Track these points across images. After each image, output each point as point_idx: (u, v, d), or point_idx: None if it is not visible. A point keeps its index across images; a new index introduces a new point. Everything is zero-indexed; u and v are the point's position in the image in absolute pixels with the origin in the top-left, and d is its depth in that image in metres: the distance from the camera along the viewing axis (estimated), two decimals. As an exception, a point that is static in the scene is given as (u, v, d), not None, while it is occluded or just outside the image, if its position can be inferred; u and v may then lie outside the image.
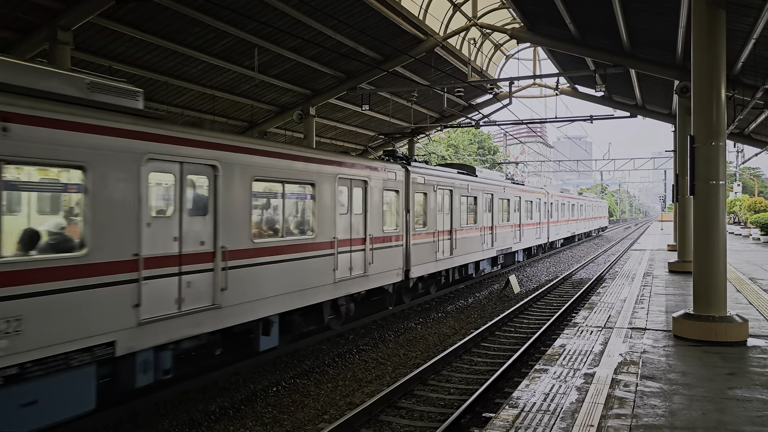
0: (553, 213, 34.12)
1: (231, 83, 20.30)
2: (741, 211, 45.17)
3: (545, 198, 32.19)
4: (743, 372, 7.01)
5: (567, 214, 38.86)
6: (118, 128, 7.27)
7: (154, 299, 7.60)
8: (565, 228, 38.49)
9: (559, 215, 35.88)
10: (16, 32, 13.77)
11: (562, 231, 37.56)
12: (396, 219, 14.59)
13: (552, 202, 33.70)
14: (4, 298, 6.00)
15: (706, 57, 8.63)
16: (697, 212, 8.82)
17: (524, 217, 27.00)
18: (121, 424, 7.69)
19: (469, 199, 19.98)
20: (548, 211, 32.61)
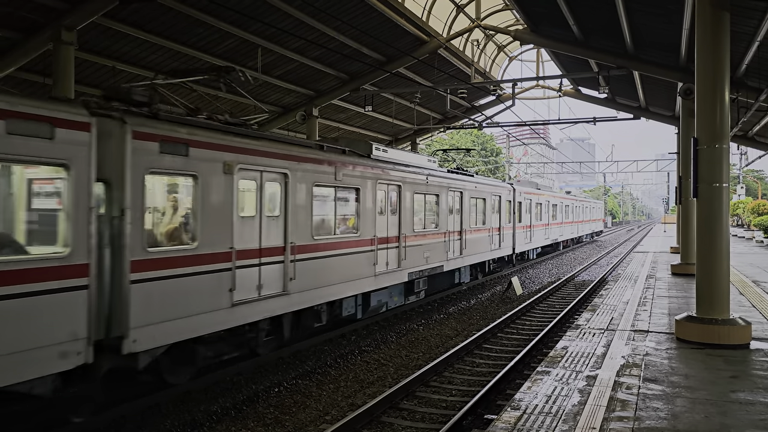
0: (523, 215, 26.71)
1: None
2: (744, 213, 45.09)
3: (509, 195, 24.33)
4: (746, 375, 6.99)
5: (546, 217, 31.89)
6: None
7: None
8: (543, 234, 31.24)
9: (532, 218, 28.50)
10: (21, 32, 13.80)
11: (538, 238, 30.12)
12: None
13: (522, 201, 26.50)
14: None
15: (710, 59, 8.62)
16: (700, 215, 8.81)
17: (470, 221, 19.09)
18: (123, 424, 7.70)
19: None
20: (514, 213, 24.90)
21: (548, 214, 32.75)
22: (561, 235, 36.98)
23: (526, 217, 27.38)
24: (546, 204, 32.21)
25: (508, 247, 24.03)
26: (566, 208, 38.49)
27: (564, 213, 37.63)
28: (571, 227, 40.51)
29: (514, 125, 33.55)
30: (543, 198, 31.76)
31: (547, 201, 32.57)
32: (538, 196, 30.72)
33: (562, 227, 36.94)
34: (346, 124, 28.21)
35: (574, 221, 41.92)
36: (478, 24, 20.98)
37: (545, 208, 31.90)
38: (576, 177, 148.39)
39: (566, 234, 38.73)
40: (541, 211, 30.99)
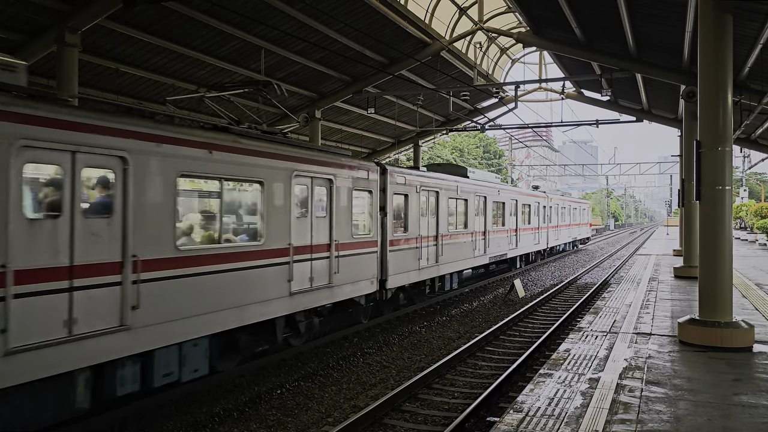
0: (442, 220, 17.10)
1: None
2: (747, 216, 45.02)
3: (422, 184, 15.90)
4: (749, 378, 6.98)
5: (492, 221, 21.69)
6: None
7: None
8: (480, 246, 20.46)
9: (467, 222, 19.23)
10: (25, 34, 13.85)
11: (473, 253, 19.95)
12: None
13: (452, 197, 17.97)
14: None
15: (713, 62, 8.63)
16: (703, 217, 8.81)
17: (341, 231, 12.07)
18: (125, 425, 7.71)
19: None
20: (432, 214, 16.62)
21: (500, 218, 22.89)
22: (525, 247, 26.34)
23: (445, 223, 17.35)
24: (493, 204, 21.77)
25: (425, 269, 16.17)
26: (529, 209, 27.51)
27: (528, 216, 27.28)
28: (542, 234, 29.81)
29: (517, 127, 33.61)
30: (490, 190, 21.44)
31: (495, 198, 21.84)
32: (482, 187, 20.81)
33: (526, 235, 26.35)
34: (349, 126, 28.23)
35: (549, 226, 31.62)
36: (481, 26, 21.00)
37: (491, 209, 21.35)
38: (578, 179, 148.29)
39: (531, 245, 27.51)
40: (488, 214, 21.04)
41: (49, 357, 6.33)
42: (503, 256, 23.27)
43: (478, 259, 20.31)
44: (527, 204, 27.02)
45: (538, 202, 29.58)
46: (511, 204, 24.10)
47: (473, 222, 19.60)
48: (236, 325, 8.98)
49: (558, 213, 34.57)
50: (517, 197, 25.09)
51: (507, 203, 23.62)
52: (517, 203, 24.90)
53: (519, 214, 25.23)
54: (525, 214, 26.76)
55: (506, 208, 23.45)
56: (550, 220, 32.35)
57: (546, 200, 31.45)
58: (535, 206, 28.82)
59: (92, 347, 6.78)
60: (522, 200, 25.95)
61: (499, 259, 22.80)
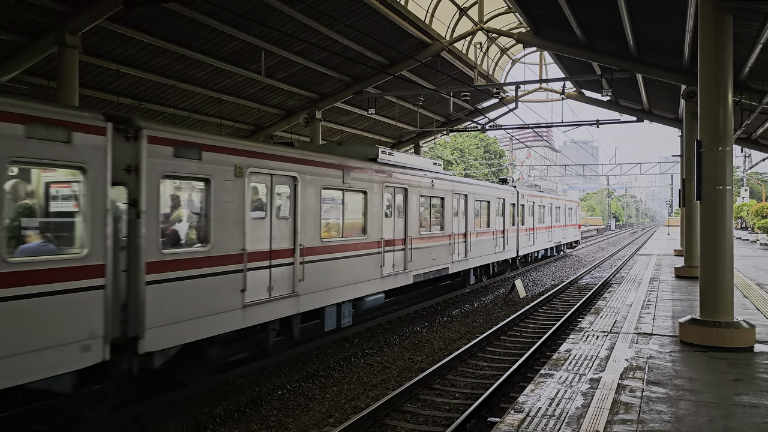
0: (307, 225, 10.98)
1: (238, 87, 20.37)
2: (748, 216, 44.99)
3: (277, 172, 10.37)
4: (750, 378, 6.98)
5: (417, 224, 15.44)
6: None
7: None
8: (392, 261, 14.19)
9: (367, 227, 13.04)
10: (26, 35, 13.87)
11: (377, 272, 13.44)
12: None
13: (329, 186, 11.77)
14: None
15: (713, 61, 8.62)
16: (703, 217, 8.80)
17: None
18: (126, 426, 7.72)
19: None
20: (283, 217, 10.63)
21: (418, 221, 15.42)
22: (474, 259, 19.80)
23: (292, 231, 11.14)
24: (408, 200, 14.88)
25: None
26: (482, 208, 21.12)
27: (480, 217, 20.90)
28: (493, 242, 21.96)
29: (517, 128, 33.60)
30: (413, 178, 15.27)
31: (389, 188, 14.14)
32: (402, 176, 14.69)
33: (477, 244, 19.97)
34: (349, 126, 28.25)
35: (509, 230, 23.96)
36: (481, 27, 21.00)
37: (395, 209, 14.51)
38: (579, 180, 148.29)
39: (482, 254, 20.68)
40: (393, 216, 14.34)
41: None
42: (442, 271, 16.99)
43: (386, 281, 13.65)
44: (484, 201, 20.98)
45: (504, 198, 23.34)
46: (455, 201, 18.04)
47: (377, 225, 13.21)
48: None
49: (534, 213, 28.38)
50: (469, 191, 19.30)
51: (448, 199, 17.39)
52: (467, 200, 18.99)
53: (469, 213, 19.20)
54: (481, 214, 20.93)
55: (447, 205, 17.33)
56: (523, 221, 26.13)
57: (515, 196, 25.13)
58: (498, 204, 22.57)
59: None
60: (475, 195, 19.98)
61: (435, 275, 16.55)
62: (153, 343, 7.48)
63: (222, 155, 8.77)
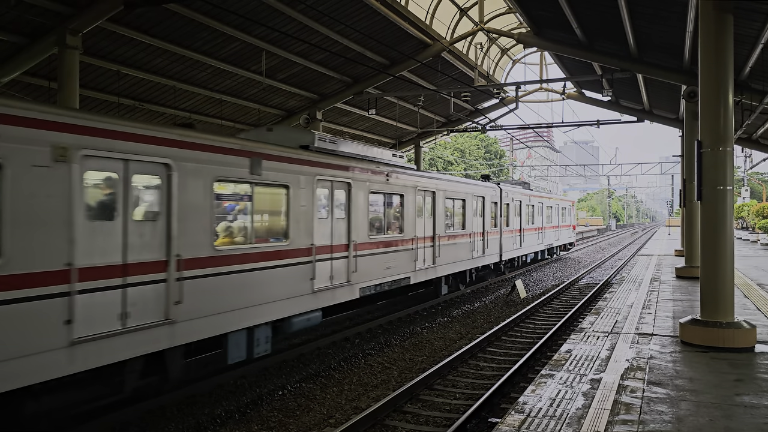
0: (185, 229, 8.28)
1: (238, 87, 20.38)
2: (749, 216, 44.97)
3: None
4: (751, 378, 6.97)
5: (365, 226, 12.85)
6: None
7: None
8: (329, 272, 11.48)
9: (289, 231, 10.33)
10: (26, 36, 13.88)
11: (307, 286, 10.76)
12: None
13: (233, 179, 9.23)
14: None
15: (714, 62, 8.62)
16: (704, 217, 8.79)
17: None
18: (127, 427, 7.72)
19: None
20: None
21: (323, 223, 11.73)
22: (426, 267, 15.87)
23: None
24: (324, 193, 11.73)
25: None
26: (456, 207, 18.55)
27: (453, 218, 18.32)
28: (468, 246, 19.16)
29: (518, 128, 33.59)
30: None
31: (333, 182, 11.83)
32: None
33: (426, 249, 15.97)
34: (350, 127, 28.26)
35: (489, 232, 21.19)
36: (482, 27, 21.01)
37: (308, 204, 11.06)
38: (580, 180, 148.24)
39: (456, 259, 18.14)
40: (327, 221, 11.71)
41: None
42: (401, 282, 14.42)
43: (320, 297, 11.00)
44: (458, 199, 18.46)
45: (483, 196, 20.76)
46: (419, 199, 15.56)
47: (306, 229, 10.64)
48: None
49: (522, 213, 25.74)
50: (437, 187, 16.68)
51: (410, 197, 14.92)
52: (435, 198, 16.52)
53: (438, 213, 16.69)
54: (454, 214, 18.42)
55: (408, 204, 14.82)
56: (508, 222, 23.64)
57: (498, 195, 22.47)
58: (476, 203, 20.02)
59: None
60: (446, 192, 17.30)
61: (393, 286, 14.10)
62: None
63: (24, 130, 6.28)
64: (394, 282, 14.13)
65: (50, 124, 6.50)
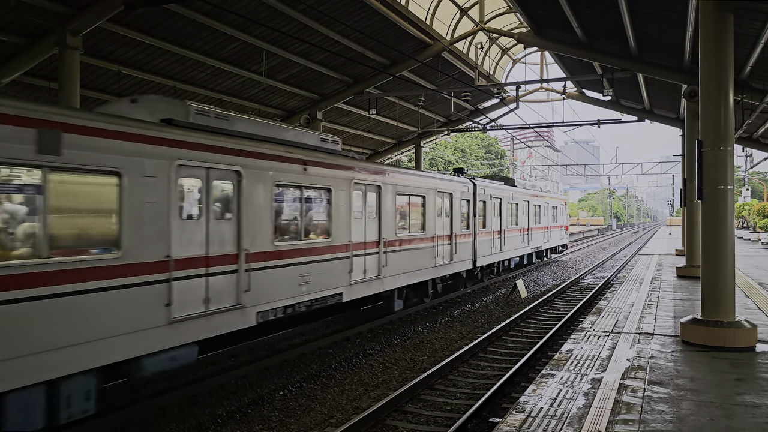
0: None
1: (238, 88, 20.39)
2: (750, 215, 44.96)
3: None
4: (752, 378, 6.97)
5: (275, 229, 10.11)
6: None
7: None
8: (216, 289, 8.82)
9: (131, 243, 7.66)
10: (27, 37, 13.89)
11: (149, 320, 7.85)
12: None
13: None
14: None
15: (714, 61, 8.62)
16: (705, 217, 8.79)
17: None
18: (128, 427, 7.72)
19: None
20: None
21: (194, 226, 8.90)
22: (369, 278, 13.13)
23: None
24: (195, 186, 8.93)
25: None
26: (414, 206, 15.72)
27: (407, 219, 15.33)
28: (431, 252, 16.47)
29: (518, 128, 33.55)
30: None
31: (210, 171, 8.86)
32: None
33: (373, 258, 13.38)
34: (350, 127, 28.26)
35: (458, 235, 18.30)
36: (482, 27, 21.01)
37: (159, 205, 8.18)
38: (581, 179, 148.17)
39: (412, 268, 15.25)
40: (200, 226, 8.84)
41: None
42: (328, 300, 11.62)
43: (182, 329, 8.17)
44: (414, 195, 15.57)
45: (451, 193, 18.00)
46: (356, 195, 12.72)
47: (155, 235, 7.84)
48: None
49: (502, 212, 22.93)
50: (382, 181, 13.79)
51: (340, 192, 11.98)
52: (381, 194, 13.64)
53: (386, 213, 13.86)
54: (409, 213, 15.38)
55: (336, 202, 11.86)
56: (484, 223, 20.85)
57: (471, 191, 19.74)
58: (441, 200, 17.25)
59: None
60: (397, 187, 14.43)
61: (315, 305, 11.21)
62: None
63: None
64: (317, 301, 11.24)
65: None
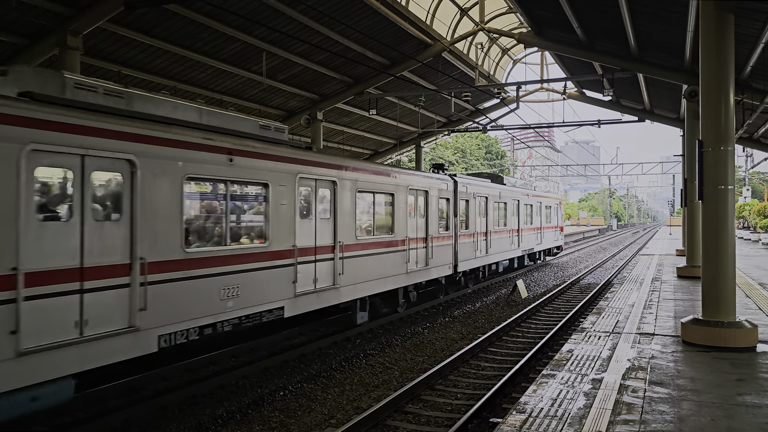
0: None
1: (239, 88, 20.39)
2: (750, 215, 44.95)
3: None
4: (753, 378, 6.96)
5: (188, 230, 8.73)
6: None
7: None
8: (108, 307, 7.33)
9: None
10: (27, 37, 13.89)
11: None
12: None
13: None
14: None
15: (715, 61, 8.61)
16: (705, 217, 8.78)
17: None
18: (128, 427, 7.72)
19: None
20: None
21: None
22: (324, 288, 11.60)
23: None
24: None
25: None
26: (380, 205, 14.07)
27: (371, 217, 13.69)
28: (402, 257, 14.60)
29: (519, 128, 33.55)
30: None
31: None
32: None
33: (327, 264, 11.73)
34: (351, 127, 28.26)
35: (434, 237, 16.50)
36: (482, 27, 21.00)
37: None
38: (581, 180, 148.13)
39: (383, 275, 13.74)
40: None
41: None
42: (265, 315, 10.00)
43: (36, 364, 6.39)
44: (381, 193, 13.68)
45: (426, 190, 15.95)
46: (302, 192, 11.07)
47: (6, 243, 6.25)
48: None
49: (488, 212, 21.22)
50: (339, 176, 12.04)
51: (280, 188, 10.37)
52: (336, 191, 11.96)
53: (342, 213, 12.09)
54: (374, 213, 13.59)
55: (274, 199, 10.23)
56: (466, 224, 19.21)
57: (451, 189, 17.82)
58: (414, 199, 15.32)
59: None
60: (358, 184, 12.70)
61: (246, 322, 9.63)
62: None
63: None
64: (248, 318, 9.62)
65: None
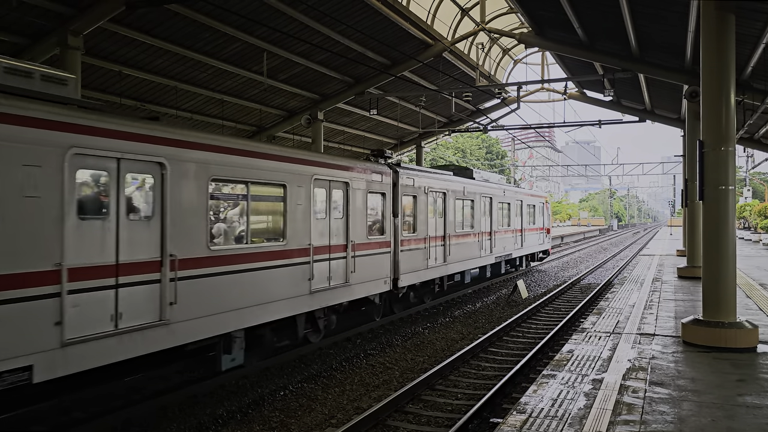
0: None
1: (240, 88, 20.39)
2: (751, 216, 44.94)
3: None
4: (753, 378, 6.96)
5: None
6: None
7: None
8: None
9: None
10: (28, 37, 13.91)
11: None
12: None
13: None
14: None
15: (716, 61, 8.61)
16: (706, 217, 8.78)
17: None
18: (128, 427, 7.72)
19: None
20: None
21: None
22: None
23: None
24: None
25: None
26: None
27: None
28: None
29: (519, 128, 33.56)
30: None
31: None
32: None
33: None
34: (351, 127, 28.26)
35: (372, 243, 13.30)
36: (483, 27, 20.99)
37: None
38: (582, 180, 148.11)
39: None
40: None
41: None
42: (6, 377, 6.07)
43: None
44: (266, 184, 10.21)
45: (347, 182, 12.45)
46: (128, 185, 7.61)
47: None
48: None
49: (447, 212, 17.52)
50: (204, 159, 8.71)
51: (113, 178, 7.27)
52: (165, 183, 8.04)
53: (185, 212, 8.36)
54: (249, 212, 9.71)
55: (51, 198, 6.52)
56: (414, 227, 15.49)
57: (388, 181, 14.26)
58: (321, 194, 11.73)
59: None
60: (211, 169, 8.82)
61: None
62: None
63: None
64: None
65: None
